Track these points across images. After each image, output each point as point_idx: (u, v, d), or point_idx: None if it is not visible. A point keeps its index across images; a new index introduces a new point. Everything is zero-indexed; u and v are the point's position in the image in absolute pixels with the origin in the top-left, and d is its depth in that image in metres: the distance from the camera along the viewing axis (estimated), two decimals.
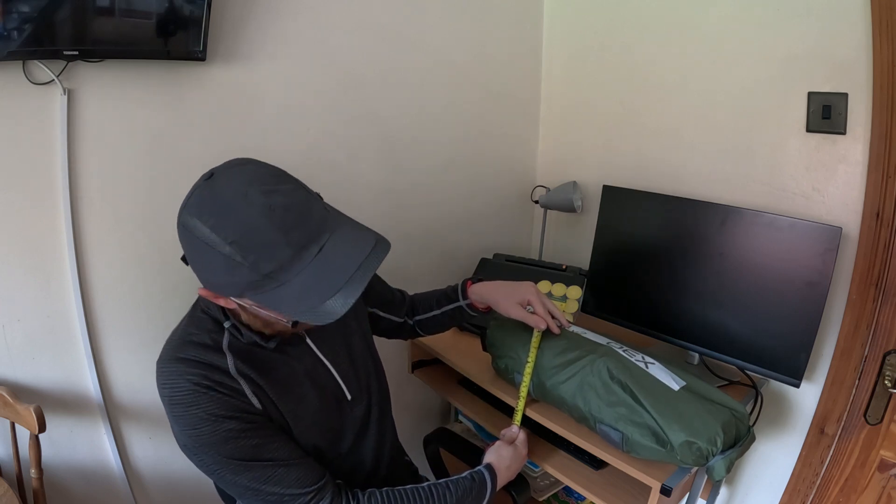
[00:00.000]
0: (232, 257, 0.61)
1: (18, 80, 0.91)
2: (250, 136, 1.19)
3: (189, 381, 0.70)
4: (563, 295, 1.40)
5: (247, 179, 0.64)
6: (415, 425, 1.53)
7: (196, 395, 0.70)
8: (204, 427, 0.70)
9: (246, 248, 0.61)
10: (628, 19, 1.49)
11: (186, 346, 0.74)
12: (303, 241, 0.63)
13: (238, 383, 0.73)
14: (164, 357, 0.75)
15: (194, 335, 0.75)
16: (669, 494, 0.89)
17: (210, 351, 0.74)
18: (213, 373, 0.72)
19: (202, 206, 0.64)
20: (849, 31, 1.08)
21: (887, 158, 1.06)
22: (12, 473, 1.00)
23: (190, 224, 0.64)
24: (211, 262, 0.64)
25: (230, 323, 0.76)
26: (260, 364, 0.77)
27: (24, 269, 0.98)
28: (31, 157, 0.96)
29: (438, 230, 1.63)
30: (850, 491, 1.19)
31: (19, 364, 1.01)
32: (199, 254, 0.65)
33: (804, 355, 1.08)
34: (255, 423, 0.73)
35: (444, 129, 1.55)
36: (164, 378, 0.72)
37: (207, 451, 0.71)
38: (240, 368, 0.74)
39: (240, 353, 0.75)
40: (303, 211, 0.65)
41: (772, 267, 1.11)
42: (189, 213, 0.64)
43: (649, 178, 1.48)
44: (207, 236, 0.62)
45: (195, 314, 0.79)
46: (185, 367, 0.71)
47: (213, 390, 0.71)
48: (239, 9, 1.12)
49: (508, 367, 1.09)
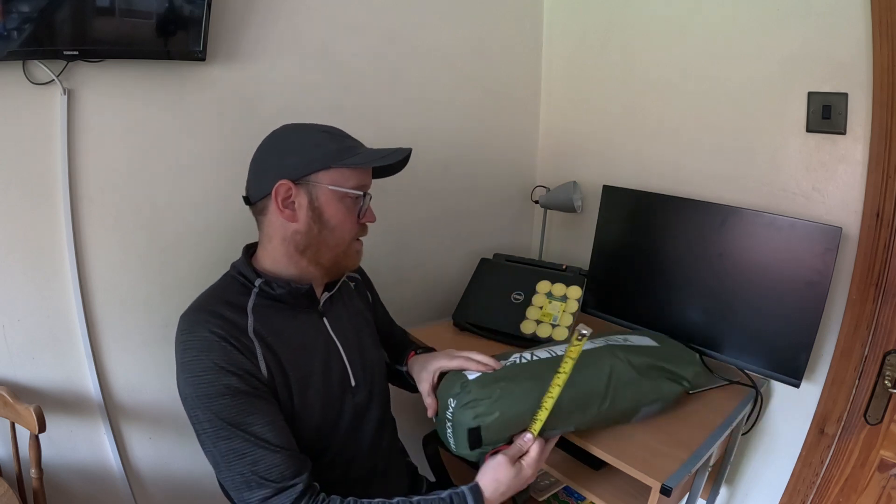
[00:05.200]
0: (323, 137, 0.82)
1: (18, 80, 0.91)
2: (250, 136, 1.17)
3: (207, 329, 0.75)
4: (563, 295, 1.40)
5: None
6: (415, 425, 1.53)
7: (209, 343, 0.74)
8: (206, 375, 0.73)
9: (332, 133, 0.84)
10: (628, 19, 1.49)
11: (213, 300, 0.81)
12: (361, 143, 0.87)
13: (252, 343, 0.78)
14: (189, 310, 0.80)
15: (223, 294, 0.82)
16: (669, 494, 0.89)
17: (234, 309, 0.80)
18: (232, 328, 0.77)
19: (289, 126, 0.86)
20: (849, 31, 1.09)
21: (887, 158, 1.06)
22: (12, 473, 1.00)
23: (277, 135, 0.85)
24: (303, 143, 0.82)
25: (262, 280, 0.83)
26: (279, 328, 0.82)
27: (24, 269, 0.98)
28: (31, 157, 0.96)
29: (438, 230, 1.63)
30: (850, 491, 1.19)
31: (19, 364, 1.00)
32: (295, 136, 0.83)
33: (804, 355, 1.08)
34: (254, 389, 0.75)
35: (443, 128, 1.55)
36: (185, 325, 0.77)
37: (202, 403, 0.72)
38: (257, 329, 0.79)
39: (262, 314, 0.81)
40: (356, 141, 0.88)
41: (772, 267, 1.11)
42: (273, 133, 0.85)
43: (649, 178, 1.49)
44: (300, 132, 0.83)
45: (223, 281, 0.87)
46: (208, 315, 0.77)
47: (226, 342, 0.75)
48: (239, 9, 1.12)
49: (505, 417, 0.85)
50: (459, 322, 1.45)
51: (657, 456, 0.95)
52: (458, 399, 0.84)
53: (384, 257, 1.51)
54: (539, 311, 1.37)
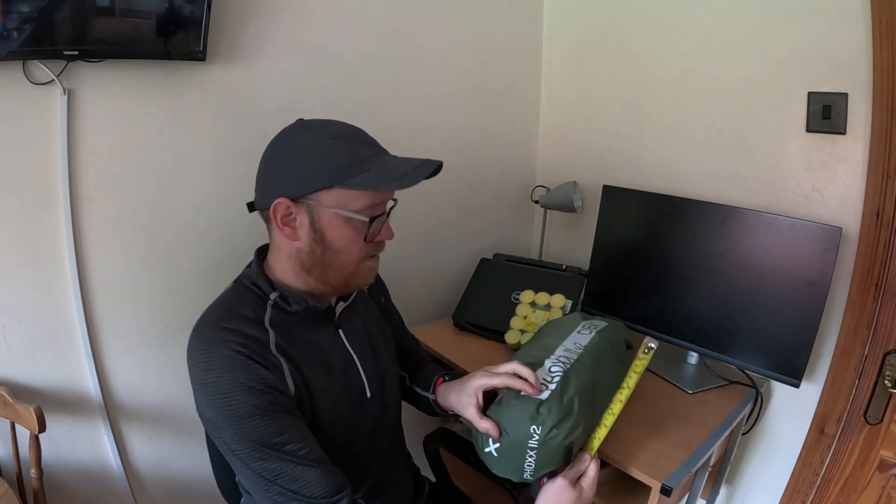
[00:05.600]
0: (333, 145, 0.73)
1: (18, 80, 0.91)
2: (250, 135, 1.19)
3: (229, 347, 0.70)
4: (546, 304, 1.38)
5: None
6: (415, 425, 1.53)
7: (235, 361, 0.69)
8: (234, 396, 0.68)
9: (348, 140, 0.75)
10: (628, 19, 1.49)
11: (230, 317, 0.74)
12: (382, 149, 0.79)
13: (279, 360, 0.74)
14: (204, 325, 0.74)
15: (238, 307, 0.76)
16: (669, 494, 0.89)
17: (253, 324, 0.74)
18: (255, 344, 0.72)
19: (301, 125, 0.77)
20: (849, 31, 1.09)
21: (887, 158, 1.06)
22: (12, 473, 1.00)
23: (289, 133, 0.76)
24: (308, 153, 0.73)
25: (277, 294, 0.78)
26: (299, 342, 0.78)
27: (24, 269, 0.98)
28: (32, 157, 0.96)
29: (438, 230, 1.63)
30: (850, 491, 1.19)
31: (19, 364, 1.00)
32: (293, 151, 0.74)
33: (804, 355, 1.08)
34: (284, 406, 0.71)
35: (443, 128, 1.55)
36: (203, 342, 0.72)
37: (230, 426, 0.68)
38: (280, 346, 0.75)
39: (281, 329, 0.76)
40: (377, 142, 0.80)
41: (772, 267, 1.11)
42: (283, 132, 0.77)
43: (649, 178, 1.48)
44: (309, 135, 0.74)
45: (237, 288, 0.81)
46: (228, 333, 0.71)
47: (252, 360, 0.70)
48: (239, 9, 1.12)
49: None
50: (459, 322, 1.45)
51: (657, 456, 0.95)
52: (543, 425, 0.77)
53: (384, 257, 1.51)
54: (523, 320, 1.37)
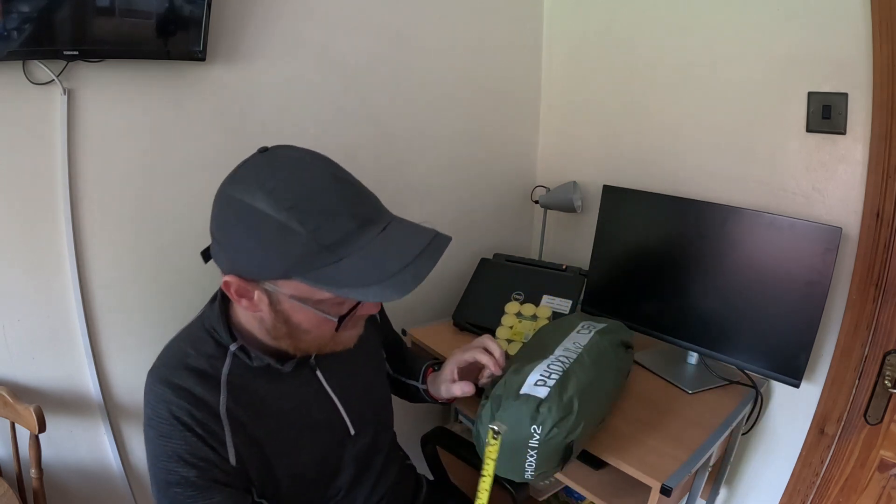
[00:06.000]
0: (287, 224, 0.55)
1: (18, 80, 0.91)
2: (250, 135, 1.19)
3: (170, 411, 0.64)
4: (532, 314, 1.37)
5: (308, 152, 0.63)
6: (413, 425, 1.53)
7: (171, 428, 0.64)
8: (161, 462, 0.65)
9: (307, 214, 0.56)
10: (628, 19, 1.49)
11: (181, 369, 0.67)
12: (367, 216, 0.60)
13: (221, 427, 0.67)
14: (155, 373, 0.68)
15: (192, 358, 0.68)
16: (669, 494, 0.89)
17: (205, 381, 0.67)
18: (199, 409, 0.66)
19: (258, 172, 0.58)
20: (849, 31, 1.08)
21: (887, 158, 1.05)
22: (12, 473, 1.00)
23: (237, 194, 0.58)
24: (258, 234, 0.57)
25: (237, 346, 0.69)
26: (257, 399, 0.70)
27: (24, 269, 0.98)
28: (31, 158, 0.96)
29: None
30: (850, 491, 1.19)
31: (19, 364, 1.00)
32: (242, 227, 0.58)
33: (804, 355, 1.08)
34: (214, 481, 0.66)
35: (443, 128, 1.55)
36: (149, 396, 0.67)
37: (156, 483, 0.67)
38: (230, 409, 0.68)
39: (236, 387, 0.69)
40: (365, 192, 0.64)
41: (772, 267, 1.11)
42: (237, 181, 0.59)
43: (649, 177, 1.48)
44: (260, 203, 0.56)
45: (196, 332, 0.71)
46: (173, 394, 0.65)
47: (190, 430, 0.65)
48: (239, 9, 1.12)
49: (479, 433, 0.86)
50: (459, 322, 1.45)
51: (657, 456, 0.95)
52: (544, 424, 0.78)
53: None
54: (509, 330, 1.37)
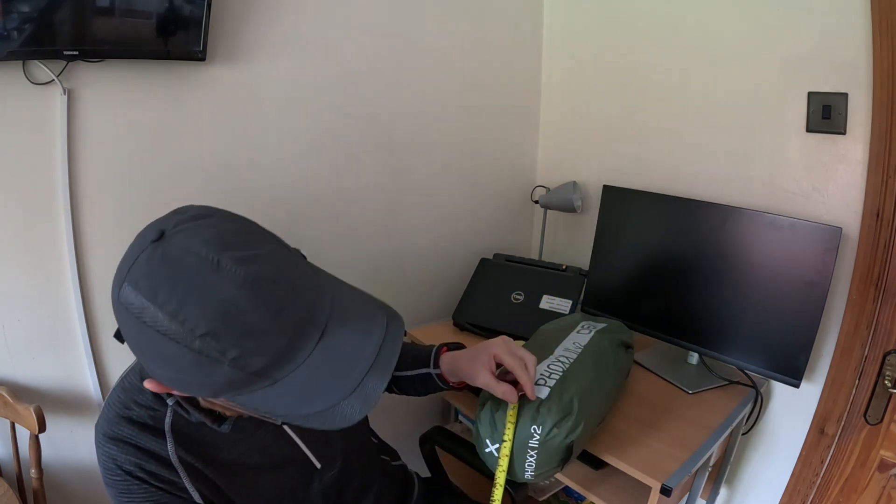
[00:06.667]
0: (205, 354, 0.46)
1: (18, 80, 0.91)
2: (250, 135, 1.19)
3: (121, 469, 0.61)
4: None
5: (212, 241, 0.48)
6: (412, 425, 1.53)
7: (128, 484, 0.61)
8: None
9: (224, 341, 0.46)
10: (628, 19, 1.49)
11: (122, 422, 0.63)
12: (299, 323, 0.49)
13: (177, 474, 0.64)
14: (99, 429, 0.64)
15: (132, 411, 0.63)
16: (669, 494, 0.89)
17: (148, 433, 0.63)
18: (149, 461, 0.62)
19: (154, 281, 0.46)
20: (849, 31, 1.09)
21: (887, 158, 1.06)
22: (12, 473, 1.00)
23: (136, 306, 0.46)
24: (173, 365, 0.47)
25: (174, 400, 0.64)
26: (207, 445, 0.67)
27: (24, 268, 0.98)
28: (32, 157, 0.96)
29: (438, 230, 1.63)
30: (850, 491, 1.19)
31: (19, 364, 1.01)
32: (153, 353, 0.48)
33: (804, 355, 1.08)
34: None
35: (443, 128, 1.55)
36: (98, 453, 0.63)
37: None
38: (181, 456, 0.64)
39: (183, 434, 0.65)
40: (292, 282, 0.50)
41: (772, 267, 1.11)
42: (133, 288, 0.47)
43: (649, 178, 1.48)
44: (166, 327, 0.45)
45: (135, 383, 0.65)
46: (118, 449, 0.61)
47: (145, 483, 0.61)
48: (239, 9, 1.12)
49: (480, 434, 0.84)
50: (459, 322, 1.45)
51: (657, 456, 0.95)
52: (544, 424, 0.78)
53: (384, 257, 1.51)
54: None
